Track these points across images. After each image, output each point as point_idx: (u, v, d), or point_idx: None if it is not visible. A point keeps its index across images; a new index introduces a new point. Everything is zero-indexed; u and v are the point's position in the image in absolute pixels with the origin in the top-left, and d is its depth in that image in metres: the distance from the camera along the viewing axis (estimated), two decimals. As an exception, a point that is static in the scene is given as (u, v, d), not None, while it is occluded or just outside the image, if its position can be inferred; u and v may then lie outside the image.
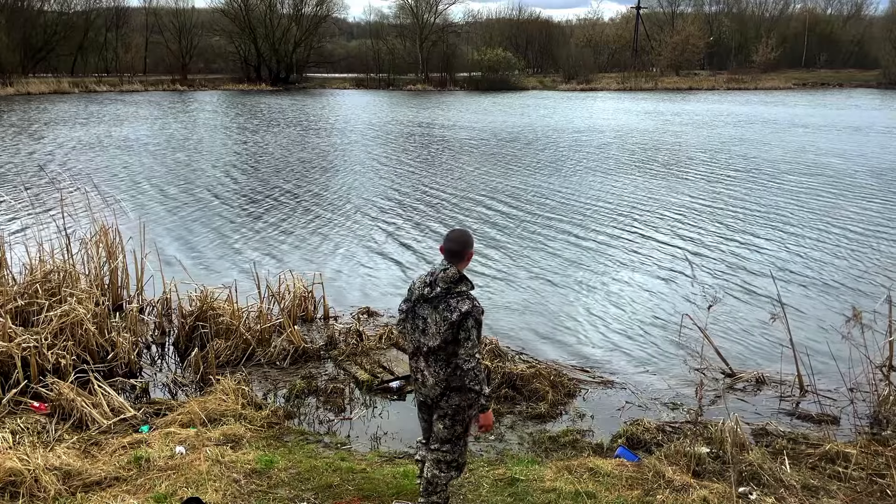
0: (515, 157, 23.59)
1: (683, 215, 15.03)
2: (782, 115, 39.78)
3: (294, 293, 8.82)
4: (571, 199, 16.68)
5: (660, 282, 10.68)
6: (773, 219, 14.70)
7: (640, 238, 13.17)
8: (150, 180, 18.99)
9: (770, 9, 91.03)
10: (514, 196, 17.09)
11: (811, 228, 13.90)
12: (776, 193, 17.37)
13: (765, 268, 11.15)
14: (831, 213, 15.26)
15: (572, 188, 18.12)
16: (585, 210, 15.54)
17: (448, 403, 4.16)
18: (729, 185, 18.43)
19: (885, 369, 6.80)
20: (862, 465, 5.38)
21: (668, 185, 18.47)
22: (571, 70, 74.61)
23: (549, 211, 15.47)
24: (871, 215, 14.98)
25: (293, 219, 14.82)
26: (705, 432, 5.92)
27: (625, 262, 11.68)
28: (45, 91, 54.55)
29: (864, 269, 11.27)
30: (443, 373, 4.11)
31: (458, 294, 4.06)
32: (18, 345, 6.58)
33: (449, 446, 4.25)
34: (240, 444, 5.69)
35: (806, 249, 12.39)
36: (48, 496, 4.72)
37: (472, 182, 19.00)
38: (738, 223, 14.32)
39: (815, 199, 16.65)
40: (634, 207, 15.79)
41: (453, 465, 4.30)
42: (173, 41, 69.98)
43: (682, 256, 11.82)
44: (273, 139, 28.39)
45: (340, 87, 70.39)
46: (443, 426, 4.22)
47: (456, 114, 41.33)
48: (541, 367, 7.30)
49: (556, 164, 22.05)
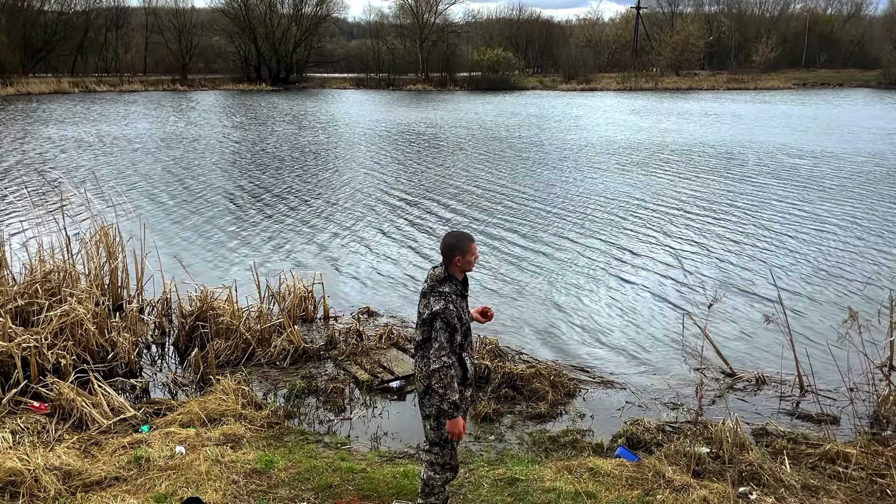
0: (516, 157, 23.58)
1: (684, 215, 15.03)
2: (783, 115, 39.77)
3: (294, 293, 8.82)
4: (571, 199, 16.68)
5: (660, 281, 10.67)
6: (774, 218, 14.70)
7: (640, 237, 13.17)
8: (150, 180, 18.99)
9: (770, 9, 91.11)
10: (513, 196, 17.09)
11: (811, 228, 13.90)
12: (776, 193, 17.37)
13: (765, 268, 11.16)
14: (832, 212, 15.26)
15: (572, 187, 18.11)
16: (586, 209, 15.54)
17: (430, 403, 4.13)
18: (729, 185, 18.43)
19: (885, 369, 6.80)
20: (862, 465, 5.38)
21: (668, 185, 18.47)
22: (571, 70, 74.59)
23: (549, 210, 15.46)
24: (871, 215, 14.98)
25: (293, 219, 14.82)
26: (705, 432, 5.92)
27: (625, 262, 11.67)
28: (45, 91, 54.54)
29: (865, 268, 11.27)
30: (425, 369, 4.12)
31: (437, 293, 4.08)
32: (18, 345, 6.58)
33: (438, 448, 4.21)
34: (240, 444, 5.69)
35: (806, 249, 12.39)
36: (48, 496, 4.72)
37: (472, 182, 18.99)
38: (739, 223, 14.32)
39: (815, 199, 16.64)
40: (634, 207, 15.79)
41: (447, 468, 4.26)
42: (173, 41, 69.97)
43: (683, 256, 11.82)
44: (273, 139, 28.39)
45: (340, 87, 70.37)
46: (429, 426, 4.20)
47: (456, 114, 41.34)
48: (541, 367, 7.30)
49: (556, 164, 22.04)
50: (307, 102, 50.10)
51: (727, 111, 42.76)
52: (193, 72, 70.90)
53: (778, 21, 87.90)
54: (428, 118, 38.44)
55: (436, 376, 4.00)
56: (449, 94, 61.35)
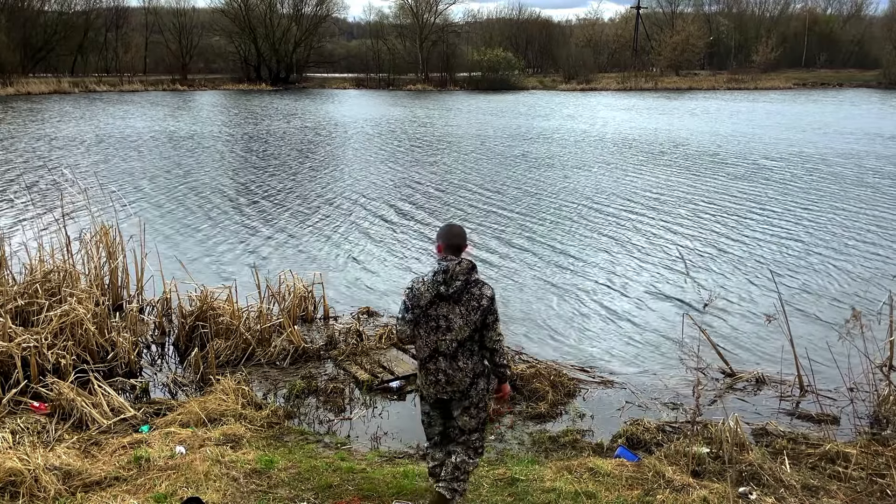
0: (516, 157, 23.58)
1: (684, 214, 15.03)
2: (784, 115, 39.77)
3: (294, 293, 8.82)
4: (571, 198, 16.67)
5: (660, 281, 10.67)
6: (774, 218, 14.70)
7: (640, 237, 13.17)
8: (150, 180, 18.99)
9: (770, 9, 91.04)
10: (513, 195, 17.09)
11: (812, 228, 13.91)
12: (776, 192, 17.37)
13: (765, 267, 11.16)
14: (832, 212, 15.26)
15: (571, 187, 18.11)
16: (585, 209, 15.54)
17: (476, 391, 4.29)
18: (729, 184, 18.43)
19: (885, 369, 6.80)
20: (862, 465, 5.38)
21: (668, 184, 18.47)
22: (571, 70, 74.56)
23: (549, 210, 15.46)
24: (872, 215, 14.98)
25: (293, 219, 14.82)
26: (705, 432, 5.91)
27: (625, 261, 11.67)
28: (45, 91, 54.50)
29: (866, 268, 11.27)
30: (471, 363, 4.22)
31: (476, 282, 4.18)
32: (18, 345, 6.58)
33: (477, 434, 4.43)
34: (240, 444, 5.69)
35: (806, 249, 12.39)
36: (48, 496, 4.72)
37: (472, 182, 18.99)
38: (739, 222, 14.32)
39: (815, 198, 16.65)
40: (635, 206, 15.79)
41: (480, 451, 4.52)
42: (173, 41, 69.94)
43: (682, 255, 11.82)
44: (273, 139, 28.39)
45: (340, 87, 70.35)
46: (469, 417, 4.34)
47: (456, 113, 41.33)
48: (541, 367, 7.30)
49: (556, 163, 22.04)
50: (307, 102, 50.09)
51: (727, 110, 42.75)
52: (193, 72, 70.87)
53: (778, 21, 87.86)
54: (428, 118, 38.43)
55: (502, 351, 4.26)
56: (449, 94, 61.35)
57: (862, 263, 11.55)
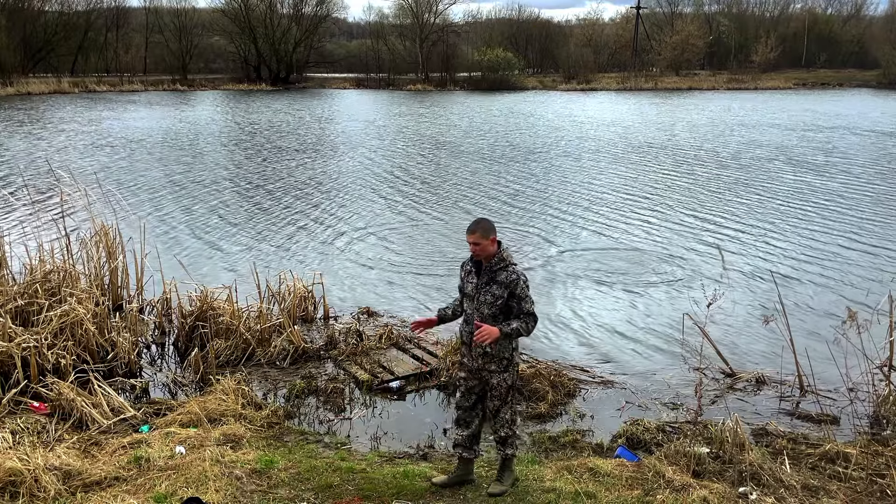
0: (516, 157, 23.57)
1: (683, 214, 15.03)
2: (784, 115, 39.76)
3: (294, 293, 8.82)
4: (571, 198, 16.68)
5: (660, 281, 10.67)
6: (773, 218, 14.70)
7: (640, 237, 13.17)
8: (150, 180, 18.99)
9: (770, 9, 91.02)
10: (513, 194, 17.09)
11: (811, 228, 13.90)
12: (776, 192, 17.37)
13: (765, 267, 11.16)
14: (832, 212, 15.26)
15: (570, 186, 18.11)
16: (585, 208, 15.53)
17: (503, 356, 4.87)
18: (729, 184, 18.43)
19: (885, 369, 6.80)
20: (862, 465, 5.38)
21: (667, 184, 18.47)
22: (571, 70, 74.50)
23: (548, 209, 15.46)
24: (872, 215, 14.98)
25: (293, 218, 14.82)
26: (705, 432, 5.92)
27: (625, 261, 11.67)
28: (45, 91, 54.48)
29: (866, 268, 11.26)
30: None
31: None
32: (18, 345, 6.58)
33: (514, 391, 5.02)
34: (240, 444, 5.69)
35: (806, 249, 12.39)
36: (48, 496, 4.72)
37: (472, 181, 18.99)
38: (738, 222, 14.32)
39: (815, 198, 16.64)
40: (634, 206, 15.79)
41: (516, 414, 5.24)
42: (173, 41, 69.91)
43: (683, 255, 11.82)
44: (273, 139, 28.38)
45: (340, 87, 70.31)
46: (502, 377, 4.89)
47: (456, 113, 41.32)
48: (541, 367, 7.29)
49: (556, 163, 22.04)
50: (307, 102, 50.07)
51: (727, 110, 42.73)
52: (193, 72, 70.84)
53: (778, 21, 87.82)
54: (428, 118, 38.43)
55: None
56: (449, 94, 61.33)
57: (863, 263, 11.54)
